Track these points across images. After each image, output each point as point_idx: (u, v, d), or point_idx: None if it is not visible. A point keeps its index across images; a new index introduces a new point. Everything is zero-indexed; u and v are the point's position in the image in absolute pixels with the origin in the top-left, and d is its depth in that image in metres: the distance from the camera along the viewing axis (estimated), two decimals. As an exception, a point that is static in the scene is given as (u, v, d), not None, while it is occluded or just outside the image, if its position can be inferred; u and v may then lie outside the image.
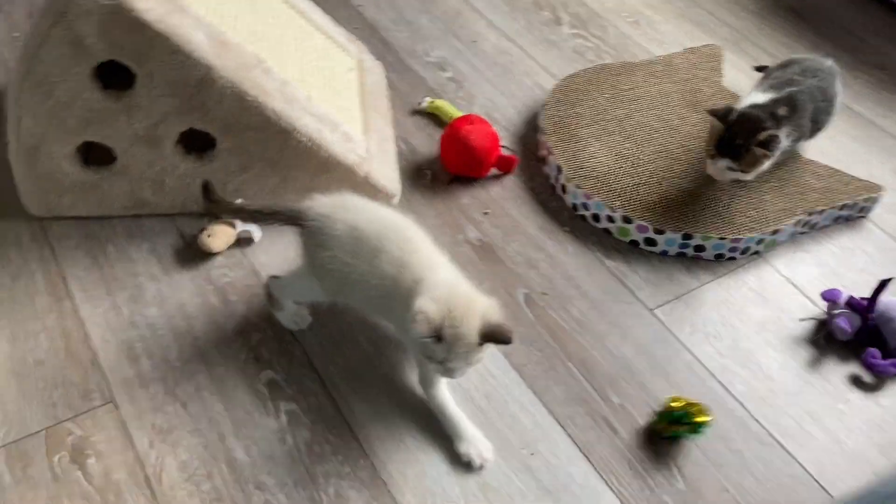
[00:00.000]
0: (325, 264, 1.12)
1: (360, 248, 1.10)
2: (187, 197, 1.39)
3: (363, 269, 1.10)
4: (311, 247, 1.15)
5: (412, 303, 1.02)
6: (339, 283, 1.13)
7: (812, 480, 1.14)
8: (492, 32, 1.92)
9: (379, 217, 1.14)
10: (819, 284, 1.41)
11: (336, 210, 1.13)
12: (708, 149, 1.42)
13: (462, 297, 1.03)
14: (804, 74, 1.50)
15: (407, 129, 1.65)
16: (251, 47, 1.34)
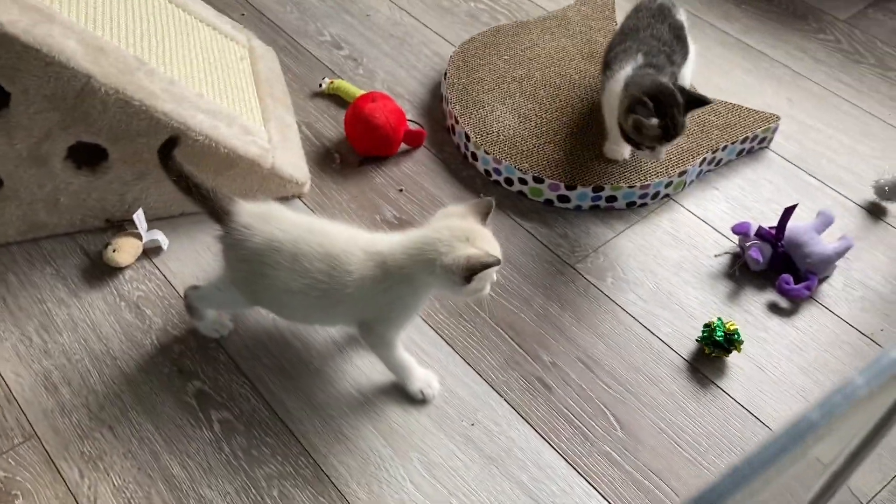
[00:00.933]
0: (247, 277, 1.10)
1: (279, 257, 1.07)
2: (86, 213, 1.33)
3: (284, 277, 1.07)
4: (232, 259, 1.11)
5: (372, 278, 1.04)
6: (265, 293, 1.11)
7: (743, 410, 1.18)
8: (384, 4, 1.89)
9: (297, 223, 1.11)
10: (729, 219, 1.45)
11: (256, 221, 1.09)
12: (648, 144, 1.32)
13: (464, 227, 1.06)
14: (647, 30, 1.41)
15: (309, 114, 1.61)
16: (131, 49, 1.28)
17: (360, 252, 1.07)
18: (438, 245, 1.03)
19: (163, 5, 1.46)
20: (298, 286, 1.06)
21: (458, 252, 1.02)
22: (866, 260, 1.40)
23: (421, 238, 1.05)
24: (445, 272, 1.02)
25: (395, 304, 1.08)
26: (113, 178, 1.30)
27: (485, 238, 1.05)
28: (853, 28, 1.91)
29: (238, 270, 1.11)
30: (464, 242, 1.03)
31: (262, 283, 1.09)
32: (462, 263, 1.01)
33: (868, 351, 1.27)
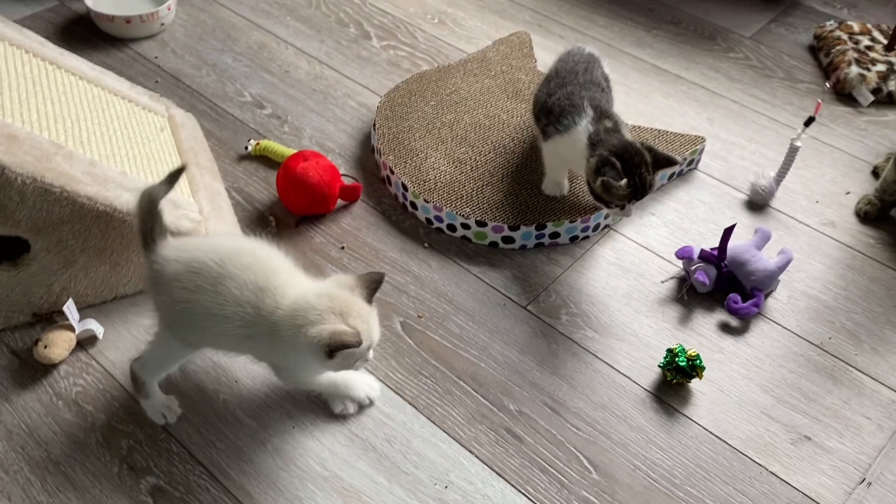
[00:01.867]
0: (168, 308, 1.07)
1: (199, 279, 1.04)
2: (10, 309, 1.25)
3: (207, 301, 1.03)
4: (154, 293, 1.09)
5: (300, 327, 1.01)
6: (189, 324, 1.07)
7: (712, 436, 1.19)
8: (302, 59, 1.86)
9: (222, 246, 1.08)
10: (670, 243, 1.47)
11: (176, 251, 1.08)
12: (617, 203, 1.30)
13: (344, 300, 1.03)
14: (586, 75, 1.42)
15: (238, 178, 1.56)
16: (46, 133, 1.21)
17: (286, 297, 1.04)
18: (309, 314, 1.00)
19: (74, 83, 1.40)
20: (219, 311, 1.04)
21: (325, 325, 0.99)
22: (806, 270, 1.44)
23: (303, 300, 1.03)
24: (308, 342, 1.00)
25: (286, 360, 1.08)
26: (37, 270, 1.22)
27: (362, 316, 1.03)
28: (759, 44, 1.99)
29: (160, 304, 1.09)
30: (336, 316, 1.00)
31: (182, 309, 1.05)
32: (324, 338, 0.98)
33: (821, 361, 1.29)
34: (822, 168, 1.65)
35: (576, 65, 1.43)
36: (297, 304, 1.02)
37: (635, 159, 1.27)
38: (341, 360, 1.02)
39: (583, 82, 1.40)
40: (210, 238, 1.11)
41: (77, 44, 1.85)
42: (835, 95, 1.84)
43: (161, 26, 1.90)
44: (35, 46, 1.40)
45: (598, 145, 1.30)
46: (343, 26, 1.97)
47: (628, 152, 1.27)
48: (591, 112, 1.34)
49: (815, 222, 1.53)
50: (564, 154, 1.39)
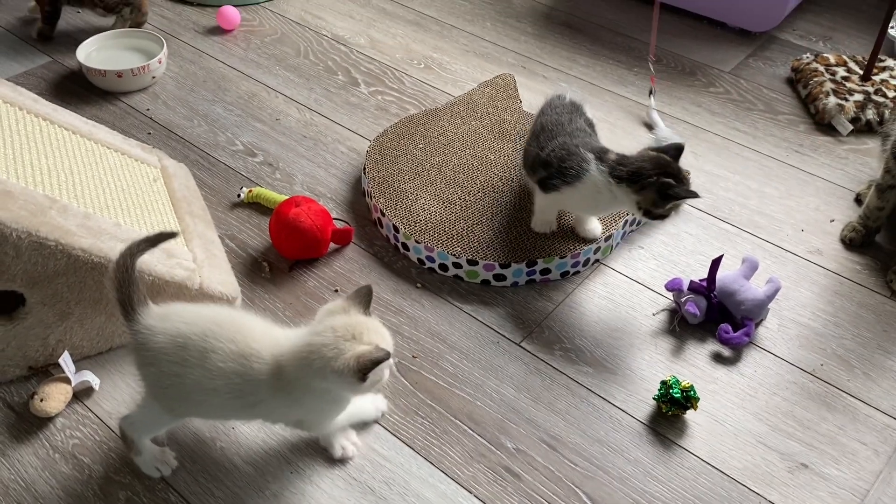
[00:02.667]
0: (155, 380, 1.06)
1: (185, 353, 1.03)
2: (5, 363, 1.25)
3: (196, 376, 1.03)
4: (139, 363, 1.08)
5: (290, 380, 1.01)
6: (179, 397, 1.07)
7: (709, 467, 1.19)
8: (292, 107, 1.90)
9: (202, 317, 1.07)
10: (659, 276, 1.49)
11: (159, 321, 1.06)
12: (670, 209, 1.33)
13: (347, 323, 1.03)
14: (571, 125, 1.45)
15: (231, 226, 1.58)
16: (40, 188, 1.23)
17: (269, 356, 1.04)
18: (324, 350, 0.99)
19: (67, 137, 1.42)
20: (210, 385, 1.03)
21: (347, 353, 0.99)
22: (794, 298, 1.45)
23: (306, 346, 1.02)
24: (339, 377, 0.99)
25: (311, 409, 1.07)
26: (33, 323, 1.23)
27: (371, 329, 1.03)
28: (738, 78, 2.03)
29: (147, 376, 1.07)
30: (350, 341, 1.00)
31: (171, 383, 1.05)
32: (353, 365, 0.98)
33: (814, 388, 1.30)
34: (805, 197, 1.68)
35: (560, 115, 1.46)
36: (304, 351, 1.01)
37: (672, 166, 1.31)
38: (373, 379, 1.01)
39: (570, 131, 1.42)
40: (189, 307, 1.09)
41: (70, 98, 1.88)
42: (815, 126, 1.87)
43: (152, 79, 1.94)
44: (29, 103, 1.43)
45: (634, 175, 1.31)
46: (331, 74, 2.01)
47: (661, 163, 1.31)
48: (591, 154, 1.36)
49: (801, 250, 1.55)
50: (580, 200, 1.39)
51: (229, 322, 1.06)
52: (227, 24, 2.15)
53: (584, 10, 2.31)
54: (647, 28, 2.22)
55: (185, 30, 2.17)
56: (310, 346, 1.01)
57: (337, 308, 1.05)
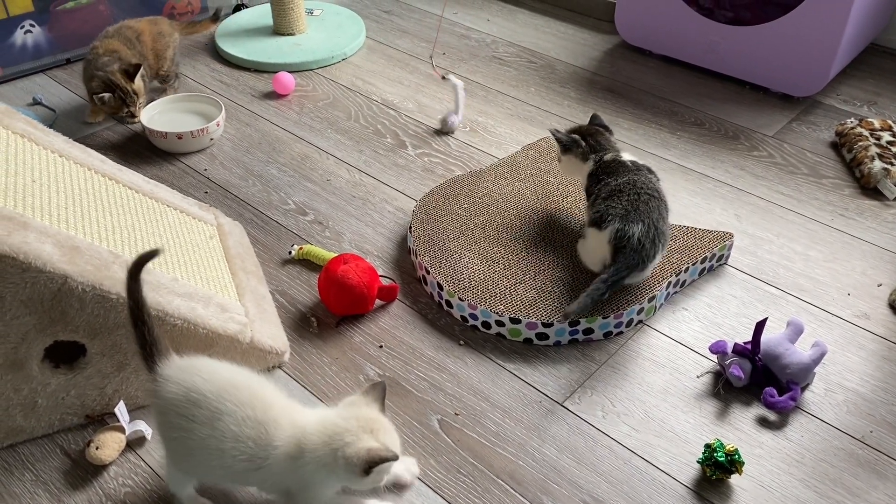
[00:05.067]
0: (163, 432, 1.10)
1: (196, 410, 1.06)
2: (64, 411, 1.30)
3: (204, 434, 1.06)
4: (154, 413, 1.11)
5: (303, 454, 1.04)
6: (184, 453, 1.09)
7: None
8: (342, 168, 1.97)
9: (221, 375, 1.10)
10: (703, 338, 1.49)
11: (178, 373, 1.10)
12: None
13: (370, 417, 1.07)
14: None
15: (281, 281, 1.63)
16: (104, 243, 1.30)
17: (287, 425, 1.07)
18: (346, 435, 1.04)
19: (130, 196, 1.50)
20: (215, 446, 1.05)
21: (361, 444, 1.03)
22: (841, 362, 1.44)
23: (332, 424, 1.06)
24: (346, 462, 1.03)
25: (307, 484, 1.08)
26: (92, 373, 1.28)
27: (386, 430, 1.07)
28: (782, 142, 2.05)
29: (157, 426, 1.10)
30: (368, 434, 1.04)
31: (177, 437, 1.08)
32: (363, 456, 1.02)
33: (863, 455, 1.28)
34: (851, 261, 1.67)
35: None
36: (329, 430, 1.05)
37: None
38: (375, 476, 1.04)
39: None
40: (210, 363, 1.12)
41: (133, 159, 1.98)
42: (860, 190, 1.87)
43: (210, 141, 2.03)
44: (96, 164, 1.52)
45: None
46: (380, 137, 2.08)
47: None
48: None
49: (848, 314, 1.54)
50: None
51: (247, 386, 1.09)
52: (282, 89, 2.25)
53: (626, 75, 2.36)
54: (688, 92, 2.26)
55: (243, 94, 2.27)
56: (335, 427, 1.06)
57: (360, 400, 1.10)
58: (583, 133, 1.63)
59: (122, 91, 1.97)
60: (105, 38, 2.06)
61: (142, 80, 2.01)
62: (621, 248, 1.43)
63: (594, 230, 1.48)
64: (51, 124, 2.10)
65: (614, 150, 1.61)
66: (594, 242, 1.49)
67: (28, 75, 2.35)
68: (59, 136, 1.51)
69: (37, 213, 1.24)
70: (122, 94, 1.97)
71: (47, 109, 2.19)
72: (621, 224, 1.43)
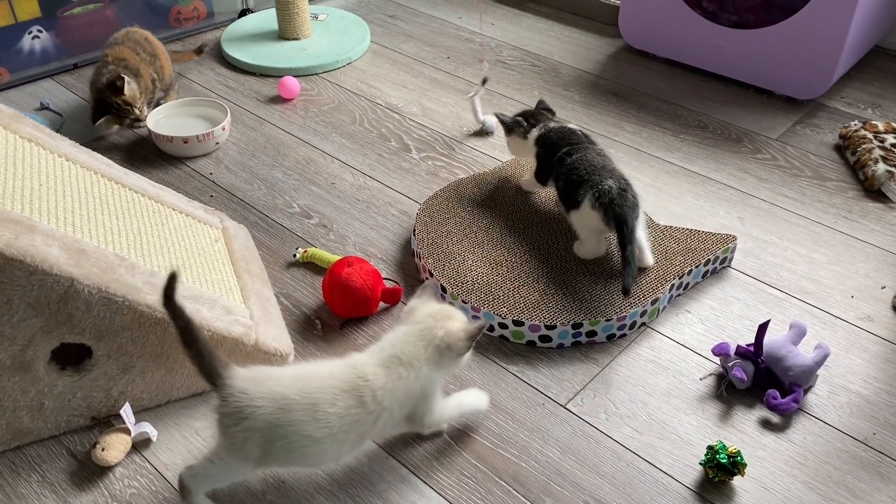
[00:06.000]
0: (256, 443, 1.10)
1: (293, 415, 1.09)
2: (71, 413, 1.31)
3: (309, 430, 1.09)
4: (235, 428, 1.09)
5: (438, 345, 1.18)
6: (288, 454, 1.12)
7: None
8: (347, 172, 1.98)
9: (287, 375, 1.14)
10: (706, 340, 1.49)
11: (254, 385, 1.11)
12: None
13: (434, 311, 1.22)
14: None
15: (286, 284, 1.64)
16: (111, 247, 1.31)
17: (374, 367, 1.15)
18: (435, 330, 1.18)
19: (136, 199, 1.51)
20: (324, 433, 1.09)
21: (453, 328, 1.18)
22: (844, 364, 1.44)
23: (416, 332, 1.19)
24: (449, 347, 1.18)
25: (426, 391, 1.19)
26: (98, 375, 1.29)
27: (455, 313, 1.23)
28: (785, 145, 2.05)
29: (246, 439, 1.10)
30: (449, 320, 1.20)
31: (280, 445, 1.10)
32: (462, 335, 1.18)
33: (866, 457, 1.28)
34: (855, 263, 1.67)
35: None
36: (415, 336, 1.18)
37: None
38: (470, 351, 1.20)
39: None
40: (272, 369, 1.16)
41: (139, 163, 2.00)
42: (864, 193, 1.87)
43: (216, 145, 2.05)
44: (103, 168, 1.53)
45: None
46: (385, 140, 2.10)
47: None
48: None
49: (851, 317, 1.54)
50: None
51: (315, 370, 1.16)
52: (287, 94, 2.27)
53: (630, 78, 2.36)
54: (691, 95, 2.26)
55: (248, 98, 2.29)
56: (421, 331, 1.18)
57: (420, 303, 1.23)
58: (526, 115, 1.74)
59: (114, 106, 1.98)
60: (113, 46, 2.08)
61: (129, 85, 2.00)
62: (608, 204, 1.49)
63: (574, 212, 1.56)
64: (58, 129, 2.12)
65: (552, 121, 1.72)
66: (582, 220, 1.56)
67: (35, 80, 2.38)
68: (66, 140, 1.52)
69: (44, 217, 1.25)
70: (115, 110, 1.99)
71: (54, 114, 2.21)
72: (593, 188, 1.51)
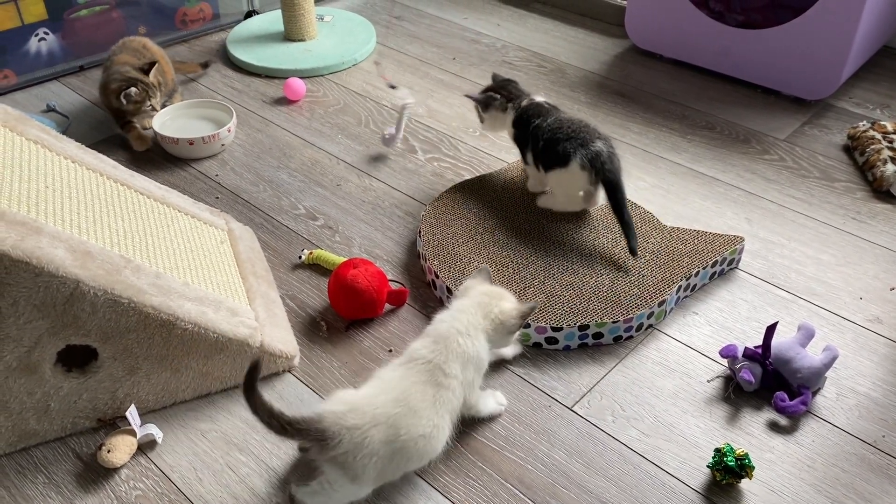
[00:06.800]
0: (375, 466, 1.12)
1: (396, 430, 1.12)
2: (77, 415, 1.31)
3: (413, 436, 1.14)
4: (353, 462, 1.11)
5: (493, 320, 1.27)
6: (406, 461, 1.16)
7: (764, 538, 1.16)
8: (352, 173, 1.97)
9: (377, 390, 1.17)
10: (714, 342, 1.48)
11: (345, 419, 1.11)
12: None
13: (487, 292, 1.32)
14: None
15: (291, 286, 1.64)
16: (116, 248, 1.31)
17: (432, 345, 1.22)
18: (491, 308, 1.27)
19: (142, 201, 1.51)
20: (430, 427, 1.16)
21: (506, 308, 1.28)
22: (853, 367, 1.43)
23: (474, 304, 1.28)
24: (504, 324, 1.27)
25: (479, 359, 1.26)
26: (104, 377, 1.29)
27: (506, 294, 1.32)
28: (793, 146, 2.04)
29: (366, 466, 1.11)
30: (503, 300, 1.29)
31: (398, 457, 1.14)
32: (515, 315, 1.27)
33: (875, 460, 1.27)
34: (863, 264, 1.66)
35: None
36: (474, 312, 1.26)
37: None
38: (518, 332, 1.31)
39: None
40: (353, 394, 1.17)
41: (145, 164, 2.00)
42: (873, 193, 1.86)
43: (221, 147, 2.05)
44: (108, 169, 1.53)
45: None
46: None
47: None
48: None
49: (860, 319, 1.52)
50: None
51: (386, 382, 1.19)
52: (292, 95, 2.27)
53: (637, 79, 2.36)
54: (699, 95, 2.25)
55: (254, 100, 2.29)
56: (480, 307, 1.27)
57: (475, 283, 1.32)
58: (494, 88, 1.79)
59: (144, 84, 2.00)
60: (115, 55, 2.09)
61: (156, 77, 2.04)
62: (600, 168, 1.58)
63: (559, 170, 1.62)
64: (64, 130, 2.12)
65: (526, 94, 1.76)
66: (566, 178, 1.62)
67: (42, 82, 2.38)
68: (71, 142, 1.53)
69: (49, 219, 1.25)
70: (144, 86, 2.00)
71: (61, 116, 2.21)
72: (585, 149, 1.58)
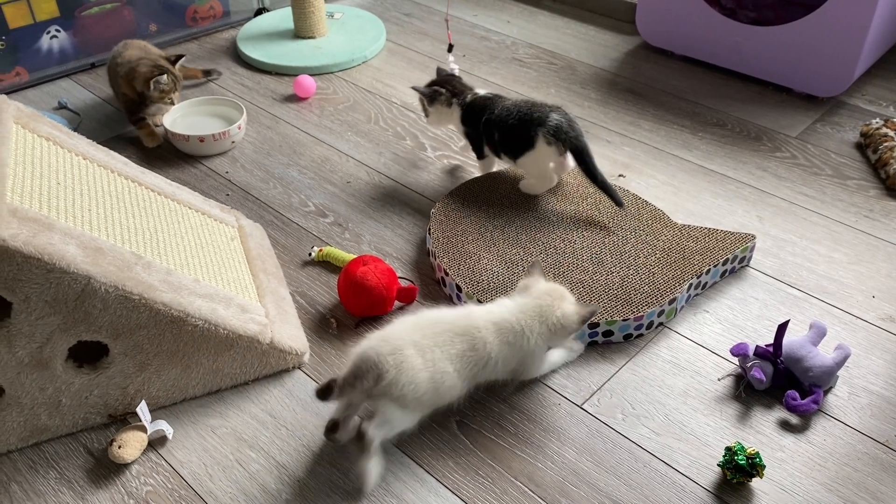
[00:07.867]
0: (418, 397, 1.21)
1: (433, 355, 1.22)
2: (88, 410, 1.32)
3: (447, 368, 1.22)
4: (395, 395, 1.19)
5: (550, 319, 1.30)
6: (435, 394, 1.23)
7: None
8: (362, 170, 1.97)
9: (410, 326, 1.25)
10: (725, 340, 1.47)
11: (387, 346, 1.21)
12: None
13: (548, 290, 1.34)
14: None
15: (301, 283, 1.64)
16: (127, 245, 1.31)
17: (488, 322, 1.28)
18: (552, 310, 1.29)
19: (153, 198, 1.52)
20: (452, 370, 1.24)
21: (567, 309, 1.30)
22: (865, 366, 1.42)
23: (535, 307, 1.30)
24: (564, 327, 1.29)
25: (532, 357, 1.33)
26: (115, 373, 1.30)
27: (566, 293, 1.33)
28: (805, 143, 2.03)
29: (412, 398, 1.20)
30: (562, 301, 1.31)
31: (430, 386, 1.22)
32: (576, 319, 1.30)
33: (887, 459, 1.26)
34: (876, 263, 1.65)
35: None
36: (534, 310, 1.29)
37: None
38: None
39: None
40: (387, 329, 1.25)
41: (156, 161, 2.01)
42: (886, 191, 1.85)
43: (232, 144, 2.05)
44: (120, 166, 1.54)
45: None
46: (400, 139, 2.09)
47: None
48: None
49: (872, 317, 1.51)
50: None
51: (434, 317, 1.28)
52: (302, 93, 2.27)
53: (648, 76, 2.35)
54: (710, 93, 2.24)
55: (264, 97, 2.29)
56: (540, 310, 1.29)
57: (532, 281, 1.34)
58: (439, 83, 1.83)
59: (173, 74, 2.01)
60: (120, 54, 2.09)
61: (180, 70, 2.06)
62: (565, 138, 1.65)
63: (528, 153, 1.68)
64: (75, 128, 2.13)
65: (469, 90, 1.82)
66: (537, 158, 1.69)
67: (54, 80, 2.39)
68: (83, 139, 1.53)
69: (61, 215, 1.26)
70: (173, 77, 2.01)
71: (72, 113, 2.22)
72: (544, 126, 1.64)
